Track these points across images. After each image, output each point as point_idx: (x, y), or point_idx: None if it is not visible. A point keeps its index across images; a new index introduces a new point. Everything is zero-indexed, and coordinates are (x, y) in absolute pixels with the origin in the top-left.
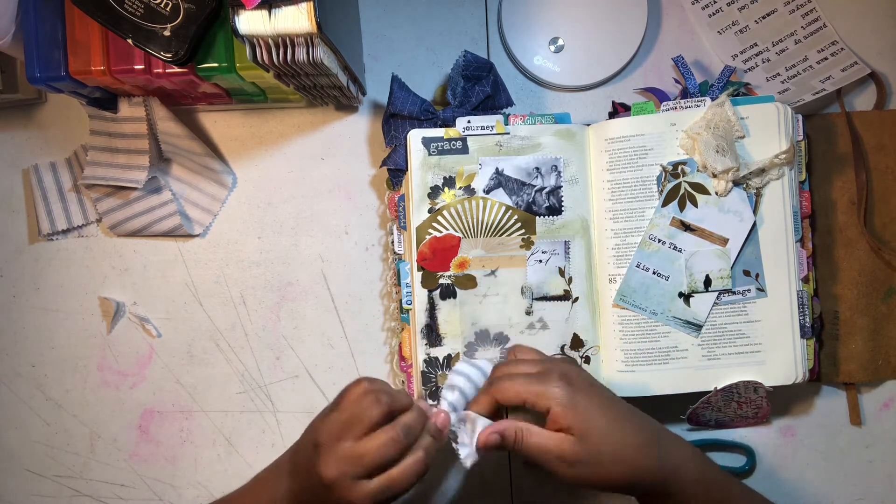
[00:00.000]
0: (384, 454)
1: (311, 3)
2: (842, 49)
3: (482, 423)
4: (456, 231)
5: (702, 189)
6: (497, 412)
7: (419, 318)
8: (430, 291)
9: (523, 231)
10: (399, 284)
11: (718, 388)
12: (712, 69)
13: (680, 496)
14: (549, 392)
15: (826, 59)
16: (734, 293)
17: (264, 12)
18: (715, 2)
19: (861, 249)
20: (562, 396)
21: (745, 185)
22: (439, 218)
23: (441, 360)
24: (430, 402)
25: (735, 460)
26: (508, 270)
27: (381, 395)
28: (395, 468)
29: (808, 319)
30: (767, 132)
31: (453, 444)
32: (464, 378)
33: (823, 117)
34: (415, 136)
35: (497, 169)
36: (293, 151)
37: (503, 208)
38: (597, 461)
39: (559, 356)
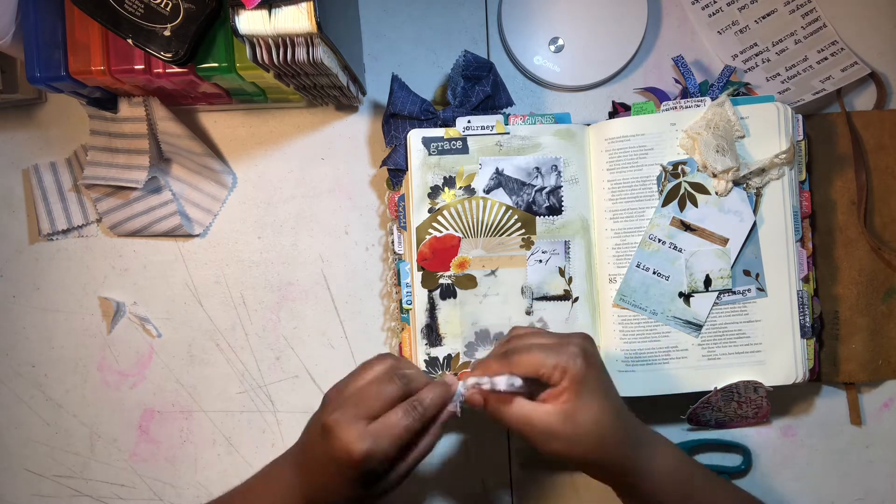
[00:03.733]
0: (381, 390)
1: (311, 3)
2: (842, 49)
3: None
4: (456, 231)
5: (702, 189)
6: None
7: (419, 318)
8: (430, 291)
9: (523, 231)
10: (399, 284)
11: (718, 388)
12: (712, 69)
13: (649, 485)
14: (566, 364)
15: (826, 59)
16: (734, 293)
17: (264, 12)
18: (715, 2)
19: (861, 249)
20: (576, 374)
21: (745, 185)
22: (439, 218)
23: (441, 360)
24: None
25: (731, 460)
26: (508, 270)
27: (393, 357)
28: (391, 412)
29: (808, 319)
30: (767, 132)
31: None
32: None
33: (823, 117)
34: (415, 136)
35: (497, 169)
36: (293, 151)
37: (503, 208)
38: (576, 441)
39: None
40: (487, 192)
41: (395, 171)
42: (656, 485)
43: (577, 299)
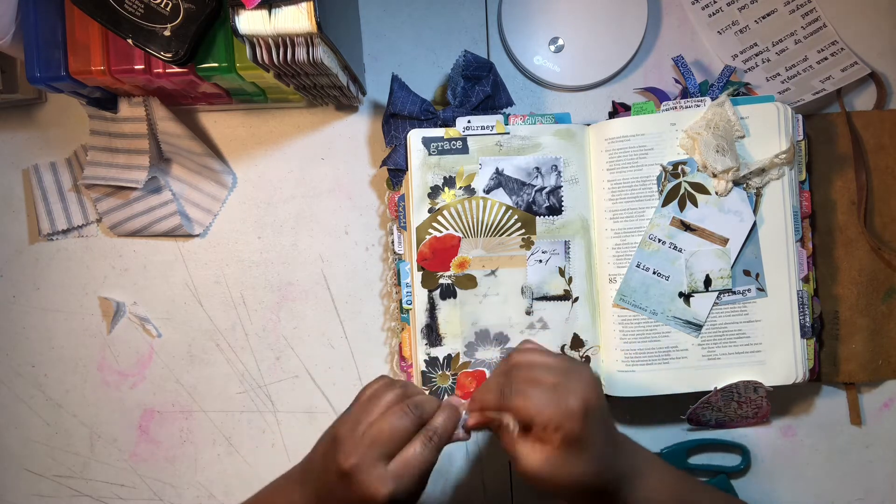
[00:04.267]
0: (395, 425)
1: (311, 3)
2: (842, 49)
3: None
4: (456, 231)
5: (702, 189)
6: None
7: (419, 318)
8: (430, 291)
9: (523, 231)
10: (399, 284)
11: (718, 388)
12: (712, 69)
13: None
14: (561, 421)
15: (826, 59)
16: (734, 293)
17: (264, 12)
18: (715, 2)
19: (861, 249)
20: (569, 433)
21: (745, 185)
22: (439, 218)
23: (441, 360)
24: None
25: (730, 459)
26: (508, 270)
27: (398, 385)
28: (408, 447)
29: (808, 319)
30: (767, 132)
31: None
32: None
33: (823, 117)
34: (415, 136)
35: (497, 169)
36: (293, 151)
37: (503, 208)
38: (554, 484)
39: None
40: (487, 192)
41: (395, 171)
42: (649, 495)
43: (577, 299)
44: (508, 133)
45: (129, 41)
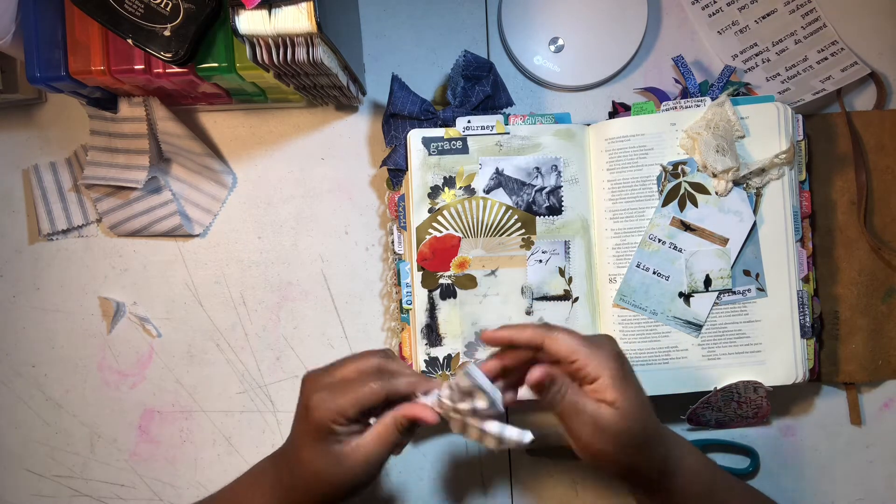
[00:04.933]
0: (355, 367)
1: (311, 3)
2: (842, 49)
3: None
4: (456, 231)
5: (702, 189)
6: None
7: (419, 318)
8: (430, 291)
9: (523, 231)
10: (399, 284)
11: (718, 388)
12: (712, 69)
13: (680, 485)
14: (603, 361)
15: (826, 59)
16: (734, 293)
17: (264, 12)
18: (715, 2)
19: (861, 249)
20: (615, 370)
21: (745, 185)
22: (439, 218)
23: (441, 360)
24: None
25: (739, 461)
26: (508, 270)
27: (380, 353)
28: (360, 385)
29: (808, 319)
30: (767, 132)
31: (490, 431)
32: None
33: (823, 117)
34: (415, 136)
35: (497, 169)
36: (293, 151)
37: (503, 208)
38: (624, 438)
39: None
40: (487, 192)
41: (395, 171)
42: (686, 486)
43: (577, 299)
44: (508, 133)
45: (129, 41)
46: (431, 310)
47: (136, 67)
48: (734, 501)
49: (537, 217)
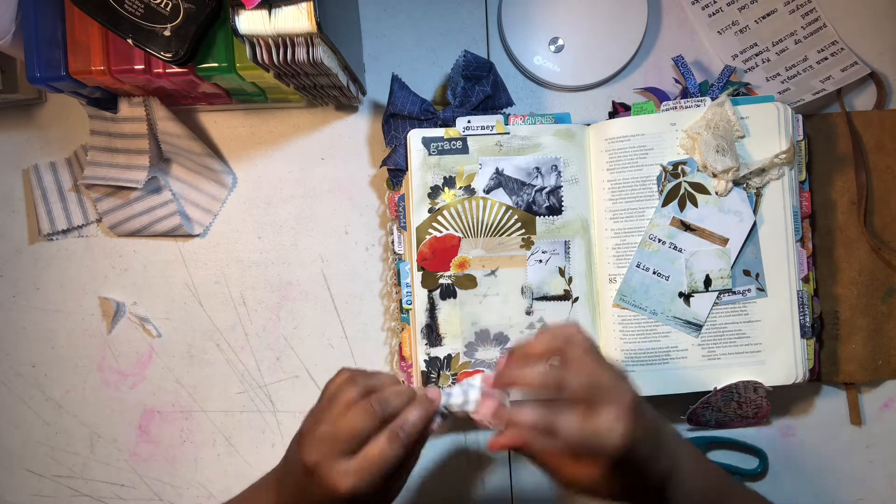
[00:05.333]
0: (357, 424)
1: (311, 3)
2: (842, 49)
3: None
4: (456, 231)
5: (702, 189)
6: None
7: (419, 318)
8: (430, 291)
9: (523, 231)
10: (399, 284)
11: (718, 388)
12: (712, 69)
13: (684, 490)
14: (614, 392)
15: (826, 59)
16: (734, 293)
17: (264, 12)
18: (715, 2)
19: (861, 249)
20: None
21: (745, 185)
22: (439, 218)
23: (441, 360)
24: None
25: (748, 462)
26: (508, 270)
27: (360, 378)
28: (371, 443)
29: (808, 319)
30: (767, 132)
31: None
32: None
33: (823, 117)
34: (415, 136)
35: (497, 169)
36: (293, 151)
37: (503, 208)
38: (637, 439)
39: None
40: (487, 192)
41: (395, 171)
42: (690, 491)
43: (577, 299)
44: (508, 133)
45: (129, 41)
46: (431, 310)
47: (136, 67)
48: None
49: (537, 217)
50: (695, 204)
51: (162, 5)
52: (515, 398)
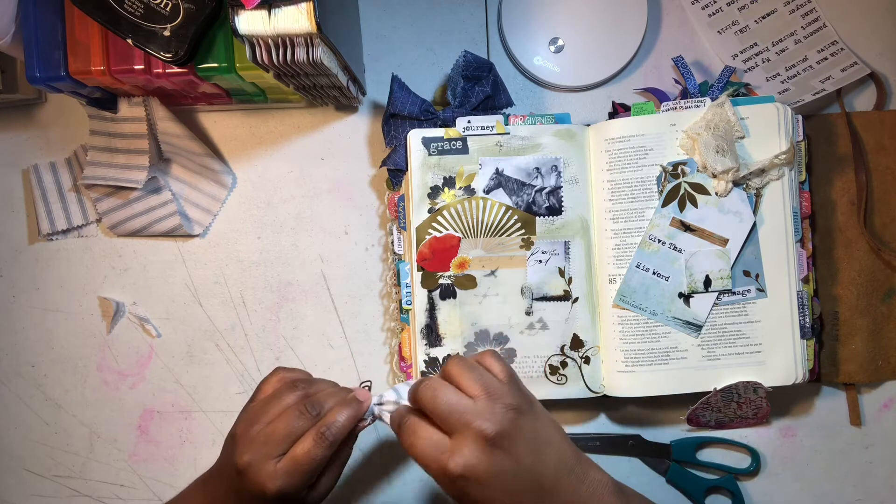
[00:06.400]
0: (290, 427)
1: (311, 3)
2: (842, 49)
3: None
4: (456, 231)
5: (702, 189)
6: None
7: (419, 318)
8: (430, 291)
9: (523, 231)
10: (399, 284)
11: (718, 388)
12: (712, 69)
13: None
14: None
15: (826, 59)
16: (734, 293)
17: (264, 12)
18: (715, 2)
19: (861, 250)
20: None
21: (745, 186)
22: (439, 218)
23: (441, 361)
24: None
25: (740, 460)
26: (508, 270)
27: (297, 382)
28: (299, 443)
29: (808, 320)
30: (767, 132)
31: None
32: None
33: (823, 117)
34: (415, 136)
35: (497, 169)
36: (293, 151)
37: (503, 208)
38: (495, 484)
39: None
40: (487, 192)
41: (395, 172)
42: None
43: (576, 299)
44: (508, 133)
45: (129, 41)
46: (431, 310)
47: (135, 67)
48: None
49: (537, 217)
50: (695, 204)
51: (162, 5)
52: None
